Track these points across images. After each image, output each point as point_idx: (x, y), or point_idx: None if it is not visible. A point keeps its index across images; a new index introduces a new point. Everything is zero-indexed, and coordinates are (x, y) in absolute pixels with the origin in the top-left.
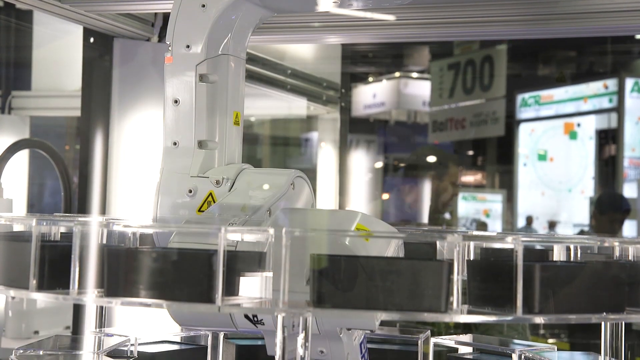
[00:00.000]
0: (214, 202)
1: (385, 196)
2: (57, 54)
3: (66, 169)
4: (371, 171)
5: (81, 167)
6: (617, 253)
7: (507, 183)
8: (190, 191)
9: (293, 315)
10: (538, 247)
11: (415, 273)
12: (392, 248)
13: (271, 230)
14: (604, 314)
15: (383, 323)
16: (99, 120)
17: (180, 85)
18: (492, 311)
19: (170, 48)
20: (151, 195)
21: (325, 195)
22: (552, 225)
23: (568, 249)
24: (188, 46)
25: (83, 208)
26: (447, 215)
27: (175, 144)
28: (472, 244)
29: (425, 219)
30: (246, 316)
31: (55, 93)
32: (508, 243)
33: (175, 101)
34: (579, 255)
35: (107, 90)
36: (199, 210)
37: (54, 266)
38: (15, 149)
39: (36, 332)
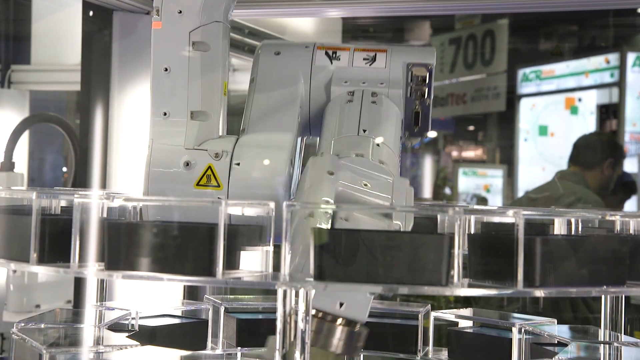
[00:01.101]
0: (214, 176)
1: None
2: (57, 27)
3: (78, 142)
4: None
5: (81, 141)
6: (618, 227)
7: (507, 158)
8: (188, 164)
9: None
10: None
11: (416, 247)
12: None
13: (271, 204)
14: (604, 287)
15: (383, 298)
16: (99, 94)
17: (172, 53)
18: (493, 285)
19: (158, 13)
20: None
21: None
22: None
23: (569, 222)
24: (180, 12)
25: (83, 182)
26: (447, 191)
27: (165, 114)
28: (473, 217)
29: (426, 194)
30: None
31: (54, 67)
32: (509, 217)
33: (166, 69)
34: (580, 229)
35: (107, 64)
36: (197, 184)
37: (55, 240)
38: (29, 124)
39: (37, 306)
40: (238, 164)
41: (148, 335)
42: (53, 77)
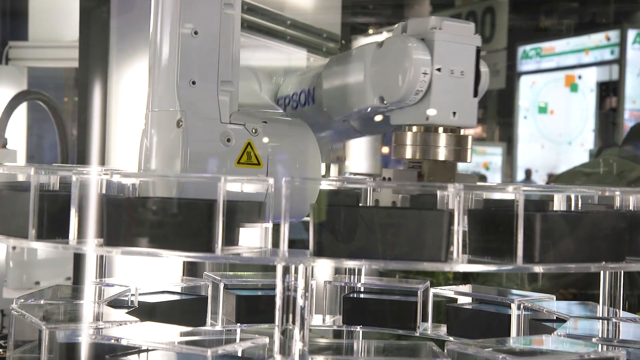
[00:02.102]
0: (254, 153)
1: (385, 149)
2: (54, 3)
3: (63, 121)
4: None
5: (80, 118)
6: (617, 203)
7: (507, 136)
8: (229, 140)
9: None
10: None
11: (416, 223)
12: None
13: (270, 180)
14: (603, 263)
15: (382, 274)
16: (97, 71)
17: (202, 14)
18: (492, 261)
19: None
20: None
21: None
22: (551, 178)
23: (569, 199)
24: None
25: (82, 159)
26: None
27: (194, 83)
28: (472, 193)
29: None
30: None
31: (52, 44)
32: (509, 192)
33: (195, 32)
34: (579, 205)
35: (105, 40)
36: (238, 163)
37: (54, 216)
38: (16, 103)
39: (37, 283)
40: (275, 143)
41: (147, 312)
42: (51, 53)
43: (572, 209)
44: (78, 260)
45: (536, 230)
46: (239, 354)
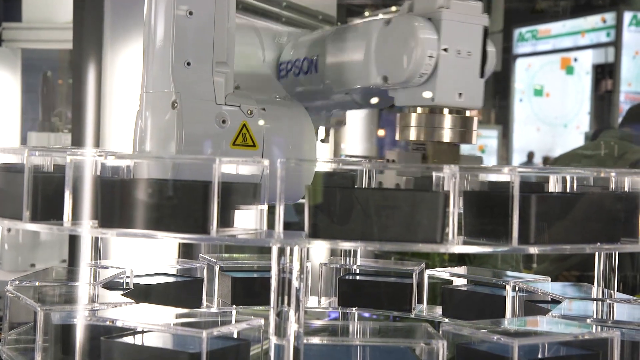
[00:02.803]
0: (250, 134)
1: (381, 132)
2: None
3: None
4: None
5: (74, 100)
6: (613, 184)
7: (502, 119)
8: (224, 121)
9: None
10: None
11: (412, 204)
12: None
13: (265, 162)
14: (598, 244)
15: (378, 256)
16: (92, 53)
17: None
18: (488, 242)
19: None
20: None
21: (320, 132)
22: (546, 160)
23: (564, 180)
24: None
25: (77, 142)
26: None
27: (188, 64)
28: (468, 175)
29: None
30: None
31: (46, 25)
32: (504, 174)
33: (190, 13)
34: (575, 186)
35: (100, 22)
36: (234, 144)
37: (48, 197)
38: None
39: (32, 265)
40: (271, 125)
41: (143, 294)
42: (45, 35)
43: (568, 190)
44: (73, 242)
45: (531, 212)
46: (235, 336)
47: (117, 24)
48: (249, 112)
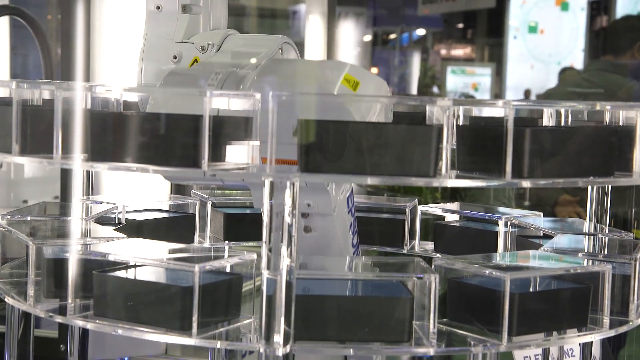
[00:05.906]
0: None
1: (374, 70)
2: None
3: (45, 38)
4: (360, 45)
5: (63, 36)
6: (607, 119)
7: (496, 56)
8: (175, 57)
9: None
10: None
11: (404, 138)
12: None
13: (257, 95)
14: (591, 178)
15: (370, 193)
16: None
17: None
18: (481, 176)
19: None
20: (135, 63)
21: None
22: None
23: (558, 114)
24: None
25: (67, 77)
26: (435, 89)
27: (158, 8)
28: (461, 108)
29: (414, 93)
30: None
31: None
32: (499, 107)
33: None
34: (569, 120)
35: None
36: None
37: (38, 131)
38: None
39: (25, 202)
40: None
41: (135, 229)
42: None
43: (562, 124)
44: (65, 179)
45: (525, 145)
46: (227, 270)
47: None
48: (201, 48)
